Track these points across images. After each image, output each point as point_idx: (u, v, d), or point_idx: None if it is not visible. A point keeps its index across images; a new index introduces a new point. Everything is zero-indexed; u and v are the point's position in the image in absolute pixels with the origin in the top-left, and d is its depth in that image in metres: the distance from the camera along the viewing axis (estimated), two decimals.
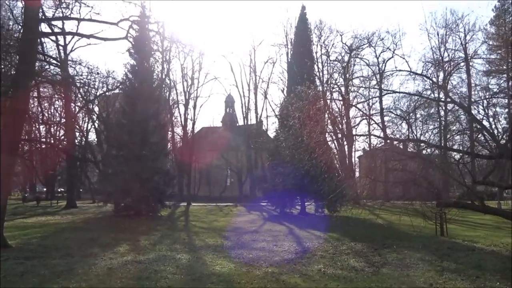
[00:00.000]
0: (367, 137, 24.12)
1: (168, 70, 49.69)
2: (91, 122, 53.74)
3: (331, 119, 15.31)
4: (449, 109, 44.80)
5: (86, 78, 34.26)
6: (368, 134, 17.15)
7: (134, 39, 23.95)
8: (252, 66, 55.19)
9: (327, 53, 51.86)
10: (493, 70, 39.52)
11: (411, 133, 22.25)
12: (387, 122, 31.89)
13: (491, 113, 26.27)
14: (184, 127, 53.88)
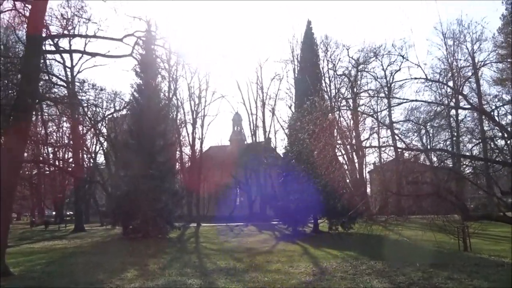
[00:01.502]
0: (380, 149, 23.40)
1: (175, 89, 49.54)
2: (99, 143, 53.57)
3: (340, 133, 14.68)
4: (461, 120, 44.13)
5: (94, 99, 34.14)
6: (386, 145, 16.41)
7: (140, 56, 23.66)
8: (259, 83, 54.93)
9: (334, 68, 51.49)
10: (504, 78, 38.76)
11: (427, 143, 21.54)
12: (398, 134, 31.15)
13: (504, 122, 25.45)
14: (192, 146, 53.43)
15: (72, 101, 26.24)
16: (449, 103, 23.66)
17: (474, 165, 14.40)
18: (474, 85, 40.73)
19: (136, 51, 19.14)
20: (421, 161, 15.38)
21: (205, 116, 53.29)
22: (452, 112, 37.28)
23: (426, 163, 14.52)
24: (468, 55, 42.03)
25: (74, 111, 31.75)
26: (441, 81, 20.78)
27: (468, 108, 19.48)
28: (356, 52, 51.98)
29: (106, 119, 48.51)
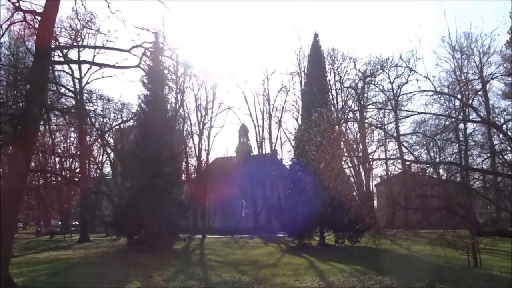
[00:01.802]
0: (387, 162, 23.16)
1: (182, 100, 49.72)
2: (105, 154, 53.71)
3: (347, 145, 14.53)
4: (469, 133, 43.68)
5: (101, 110, 34.31)
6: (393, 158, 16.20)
7: (147, 67, 23.78)
8: (265, 95, 54.95)
9: (340, 80, 51.44)
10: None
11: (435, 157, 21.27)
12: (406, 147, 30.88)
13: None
14: (198, 157, 53.40)
15: (79, 111, 26.37)
16: (457, 116, 23.39)
17: (484, 179, 14.14)
18: (482, 99, 40.43)
19: (144, 62, 19.20)
20: (429, 175, 15.17)
21: (211, 128, 53.37)
22: (460, 125, 36.95)
23: (433, 176, 14.31)
24: (476, 68, 41.81)
25: (81, 121, 31.91)
26: (450, 93, 20.58)
27: (478, 121, 19.27)
28: (363, 64, 51.85)
29: (113, 130, 48.71)
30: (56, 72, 27.14)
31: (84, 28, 24.19)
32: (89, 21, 24.30)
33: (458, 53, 43.50)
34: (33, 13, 17.82)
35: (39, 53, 15.44)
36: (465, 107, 17.26)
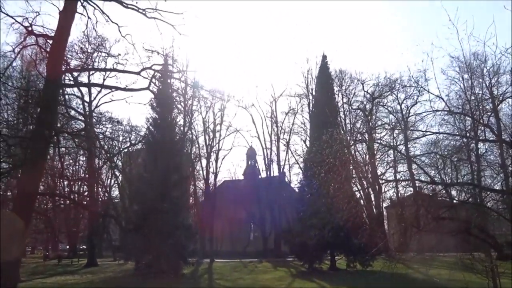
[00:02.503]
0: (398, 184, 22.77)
1: (190, 123, 49.86)
2: (114, 177, 53.68)
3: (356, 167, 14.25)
4: (481, 154, 43.01)
5: (110, 133, 34.46)
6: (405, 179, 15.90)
7: (156, 90, 23.90)
8: (273, 117, 54.94)
9: (349, 102, 51.33)
10: None
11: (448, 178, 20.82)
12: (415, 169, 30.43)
13: None
14: (206, 180, 53.17)
15: (89, 134, 26.45)
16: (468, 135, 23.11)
17: (502, 200, 13.72)
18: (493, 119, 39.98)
19: (153, 84, 19.29)
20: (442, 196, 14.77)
21: (219, 150, 53.30)
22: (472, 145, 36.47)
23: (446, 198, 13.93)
24: (487, 88, 41.52)
25: (90, 144, 32.02)
26: (465, 113, 20.35)
27: (493, 141, 18.92)
28: (371, 86, 51.78)
29: (122, 153, 48.80)
30: (67, 95, 27.36)
31: (95, 51, 24.49)
32: (100, 44, 24.60)
33: (467, 74, 43.29)
34: (45, 37, 18.08)
35: (50, 76, 15.55)
36: (480, 126, 16.95)
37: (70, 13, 17.70)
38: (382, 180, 23.97)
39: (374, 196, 42.56)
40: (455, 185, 12.31)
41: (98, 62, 31.91)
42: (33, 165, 13.83)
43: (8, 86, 24.25)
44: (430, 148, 32.44)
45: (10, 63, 20.66)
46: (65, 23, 17.16)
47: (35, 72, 24.83)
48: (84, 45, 25.44)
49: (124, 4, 18.86)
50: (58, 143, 20.24)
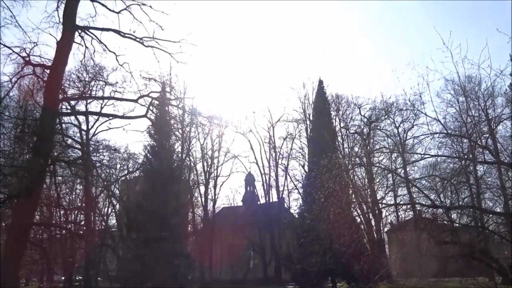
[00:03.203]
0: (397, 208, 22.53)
1: (188, 149, 49.83)
2: (111, 206, 53.10)
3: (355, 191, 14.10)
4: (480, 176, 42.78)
5: (107, 161, 34.27)
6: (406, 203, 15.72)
7: (154, 117, 23.96)
8: (271, 142, 54.95)
9: (346, 126, 51.46)
10: None
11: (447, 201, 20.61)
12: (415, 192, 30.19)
13: None
14: (204, 207, 52.76)
15: (86, 162, 26.31)
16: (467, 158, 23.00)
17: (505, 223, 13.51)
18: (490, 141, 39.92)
19: (151, 111, 19.35)
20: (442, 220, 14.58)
21: (217, 177, 53.15)
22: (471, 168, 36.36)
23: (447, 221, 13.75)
24: (482, 111, 41.68)
25: (87, 173, 31.79)
26: (463, 135, 20.34)
27: (492, 163, 18.87)
28: (368, 110, 52.09)
29: (119, 181, 48.47)
30: (64, 124, 27.35)
31: (92, 80, 24.63)
32: (97, 73, 24.77)
33: (462, 97, 43.52)
34: (42, 67, 18.21)
35: (46, 105, 15.56)
36: (478, 148, 16.92)
37: (68, 43, 17.92)
38: (382, 204, 23.75)
39: (374, 220, 42.13)
40: (456, 208, 12.18)
41: (95, 90, 32.03)
42: (28, 195, 13.64)
43: (4, 116, 24.25)
44: (429, 171, 32.23)
45: (7, 93, 20.72)
46: (62, 53, 17.34)
47: (32, 102, 24.90)
48: (81, 74, 25.60)
49: (121, 34, 19.12)
50: (54, 172, 20.14)
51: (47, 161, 15.49)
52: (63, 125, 28.95)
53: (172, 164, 33.12)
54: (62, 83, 18.71)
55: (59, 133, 19.90)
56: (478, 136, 25.32)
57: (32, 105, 26.78)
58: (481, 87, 42.86)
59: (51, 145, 16.19)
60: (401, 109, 46.94)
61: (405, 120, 49.06)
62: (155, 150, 31.05)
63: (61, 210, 39.38)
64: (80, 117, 40.30)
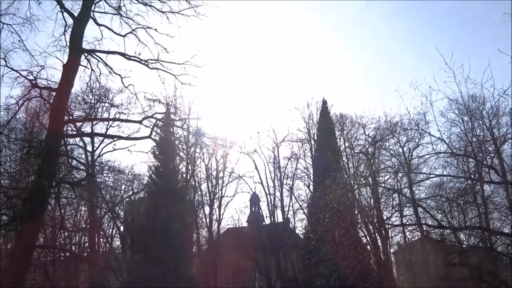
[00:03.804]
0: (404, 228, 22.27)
1: (193, 170, 49.79)
2: (115, 227, 52.82)
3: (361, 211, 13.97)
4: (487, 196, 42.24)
5: (112, 182, 34.30)
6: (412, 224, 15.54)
7: (158, 138, 24.08)
8: (276, 162, 54.81)
9: (351, 146, 51.36)
10: None
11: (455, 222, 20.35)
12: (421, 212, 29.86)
13: None
14: (209, 228, 52.33)
15: (90, 184, 26.35)
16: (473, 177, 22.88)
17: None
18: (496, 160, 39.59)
19: (155, 132, 19.43)
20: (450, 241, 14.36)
21: (222, 197, 52.88)
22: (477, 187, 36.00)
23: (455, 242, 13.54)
24: (487, 130, 41.51)
25: (92, 194, 31.77)
26: (468, 154, 20.25)
27: (499, 182, 18.71)
28: (372, 130, 52.07)
29: (124, 202, 48.38)
30: (69, 145, 27.54)
31: (98, 102, 24.91)
32: (103, 95, 25.05)
33: (467, 116, 43.36)
34: (49, 89, 18.43)
35: (52, 128, 15.67)
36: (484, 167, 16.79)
37: (74, 66, 18.17)
38: (389, 225, 23.50)
39: (381, 241, 41.61)
40: (463, 229, 12.00)
41: (101, 112, 32.33)
42: (32, 217, 13.62)
43: (10, 138, 24.46)
44: (435, 191, 32.00)
45: (13, 115, 20.96)
46: (68, 76, 17.57)
47: (38, 124, 25.14)
48: (87, 96, 25.87)
49: (127, 56, 19.41)
50: (59, 194, 20.17)
51: (51, 183, 15.53)
52: (69, 147, 29.20)
53: (177, 185, 33.14)
54: (68, 105, 18.92)
55: (64, 155, 20.03)
56: (484, 156, 25.15)
57: (38, 127, 27.07)
58: (485, 107, 42.68)
59: (55, 167, 16.26)
60: (406, 129, 46.91)
61: (410, 140, 48.87)
62: (160, 170, 31.14)
63: (65, 232, 39.25)
64: (85, 139, 40.62)
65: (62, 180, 21.66)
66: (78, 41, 18.36)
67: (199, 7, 20.12)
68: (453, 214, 31.95)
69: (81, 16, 18.69)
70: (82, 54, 18.81)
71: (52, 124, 15.68)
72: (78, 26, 18.50)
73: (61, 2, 18.85)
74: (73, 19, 18.73)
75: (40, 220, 14.61)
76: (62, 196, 28.44)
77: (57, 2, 18.78)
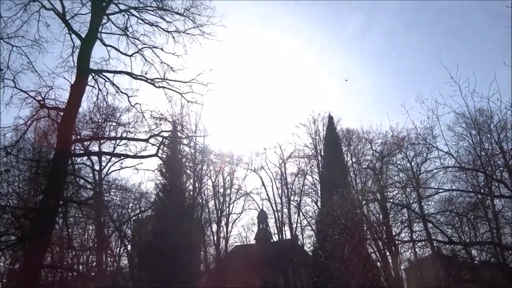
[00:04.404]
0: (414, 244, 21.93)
1: (200, 187, 49.71)
2: (123, 246, 52.64)
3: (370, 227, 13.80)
4: (498, 211, 41.60)
5: (120, 201, 34.32)
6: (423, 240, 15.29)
7: (165, 156, 24.17)
8: (283, 179, 54.63)
9: (358, 161, 51.10)
10: None
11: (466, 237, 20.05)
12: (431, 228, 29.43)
13: None
14: (216, 246, 51.97)
15: (98, 203, 26.38)
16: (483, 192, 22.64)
17: None
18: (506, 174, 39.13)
19: (162, 150, 19.50)
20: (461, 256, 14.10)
21: (229, 214, 52.68)
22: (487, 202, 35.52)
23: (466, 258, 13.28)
24: (496, 143, 41.15)
25: (99, 213, 31.78)
26: (476, 168, 20.05)
27: (510, 197, 18.46)
28: (379, 145, 51.84)
29: (131, 221, 48.32)
30: (76, 164, 27.69)
31: (105, 121, 25.11)
32: (110, 114, 25.27)
33: (474, 130, 43.05)
34: (57, 109, 18.64)
35: (59, 147, 15.79)
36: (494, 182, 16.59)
37: (82, 86, 18.40)
38: (398, 240, 23.19)
39: (391, 257, 41.01)
40: (474, 245, 11.79)
41: (108, 131, 32.56)
42: (39, 236, 13.62)
43: (19, 158, 24.67)
44: (444, 206, 31.64)
45: (21, 135, 21.17)
46: (76, 96, 17.78)
47: (46, 144, 25.35)
48: (94, 115, 26.10)
49: (133, 76, 19.65)
50: (66, 213, 20.22)
51: (58, 203, 15.58)
52: (76, 166, 29.33)
53: (184, 203, 33.11)
54: (76, 125, 19.11)
55: (72, 174, 20.16)
56: (493, 170, 24.88)
57: (46, 147, 27.29)
58: (493, 120, 42.38)
59: (63, 186, 16.33)
60: (413, 143, 46.60)
61: (417, 154, 48.50)
62: (167, 188, 31.17)
63: (73, 252, 39.15)
64: (93, 157, 40.83)
65: (70, 199, 21.72)
66: (85, 61, 18.63)
67: (204, 26, 20.43)
68: (464, 229, 31.49)
69: (88, 37, 19.00)
70: (89, 74, 19.06)
71: (59, 144, 15.82)
72: (85, 47, 18.80)
73: (69, 24, 19.22)
74: (81, 40, 19.06)
75: (47, 240, 14.59)
76: (70, 215, 28.46)
77: (65, 24, 19.15)
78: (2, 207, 21.30)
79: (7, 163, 25.83)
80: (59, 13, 18.86)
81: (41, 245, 13.54)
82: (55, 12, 18.85)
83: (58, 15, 18.91)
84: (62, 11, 18.96)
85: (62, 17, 18.96)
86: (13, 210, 19.52)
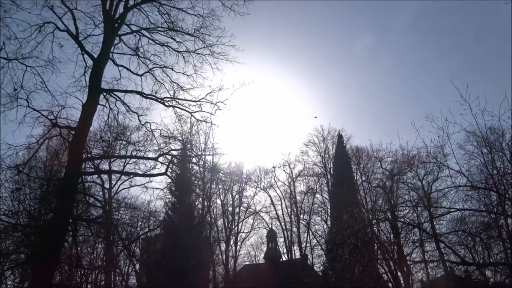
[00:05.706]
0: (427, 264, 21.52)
1: (209, 206, 49.60)
2: (131, 265, 52.44)
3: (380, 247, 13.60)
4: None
5: (129, 219, 34.33)
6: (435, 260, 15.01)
7: (174, 175, 24.24)
8: (292, 197, 54.36)
9: (368, 180, 50.71)
10: None
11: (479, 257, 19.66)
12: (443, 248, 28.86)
13: None
14: (225, 265, 51.51)
15: (107, 221, 26.43)
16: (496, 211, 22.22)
17: None
18: None
19: (171, 169, 19.59)
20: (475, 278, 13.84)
21: (238, 233, 52.34)
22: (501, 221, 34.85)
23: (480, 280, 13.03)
24: (508, 162, 40.57)
25: (108, 232, 31.78)
26: (488, 187, 19.75)
27: None
28: (389, 163, 51.50)
29: (140, 239, 48.26)
30: (87, 183, 27.87)
31: (115, 139, 25.34)
32: (121, 133, 25.51)
33: (486, 149, 42.52)
34: (68, 128, 18.88)
35: (70, 166, 15.94)
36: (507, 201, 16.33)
37: (93, 105, 18.66)
38: (410, 261, 22.78)
39: (402, 278, 40.27)
40: (488, 266, 11.55)
41: (118, 149, 32.79)
42: (49, 255, 13.65)
43: (30, 176, 24.91)
44: (456, 226, 31.07)
45: (33, 154, 21.44)
46: (87, 115, 18.02)
47: (57, 162, 25.59)
48: (105, 134, 26.38)
49: (144, 95, 19.92)
50: (75, 231, 20.28)
51: (68, 221, 15.67)
52: (86, 184, 29.53)
53: (193, 221, 33.09)
54: (87, 144, 19.31)
55: (82, 192, 20.29)
56: (506, 189, 24.44)
57: (57, 165, 27.54)
58: (505, 138, 41.77)
59: (73, 204, 16.44)
60: (424, 162, 46.17)
61: (428, 173, 47.97)
62: (176, 207, 31.19)
63: (81, 270, 39.07)
64: (103, 176, 41.08)
65: (79, 217, 21.81)
66: (97, 81, 18.95)
67: (214, 46, 20.72)
68: (477, 249, 30.81)
69: (100, 57, 19.37)
70: (101, 93, 19.35)
71: (70, 162, 15.99)
72: (97, 67, 19.14)
73: (82, 44, 19.62)
74: (93, 60, 19.42)
75: (57, 258, 14.62)
76: (79, 234, 28.51)
77: (78, 45, 19.56)
78: (12, 225, 21.48)
79: (18, 181, 26.10)
80: (73, 34, 19.27)
81: (50, 263, 13.56)
82: (69, 33, 19.27)
83: (72, 36, 19.32)
84: (76, 32, 19.39)
85: (75, 38, 19.37)
86: (23, 228, 19.63)
